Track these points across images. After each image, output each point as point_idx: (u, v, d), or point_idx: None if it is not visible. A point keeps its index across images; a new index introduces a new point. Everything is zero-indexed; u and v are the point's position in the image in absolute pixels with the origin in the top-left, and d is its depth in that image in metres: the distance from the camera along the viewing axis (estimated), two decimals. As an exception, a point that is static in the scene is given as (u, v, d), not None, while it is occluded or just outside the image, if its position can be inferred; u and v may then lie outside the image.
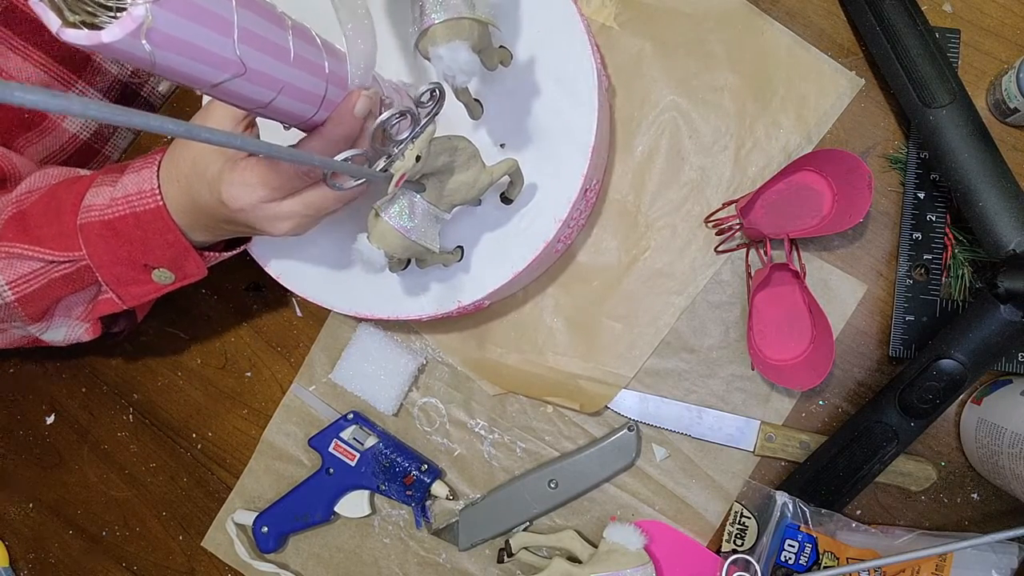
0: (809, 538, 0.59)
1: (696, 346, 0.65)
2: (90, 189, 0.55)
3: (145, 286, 0.56)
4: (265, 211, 0.48)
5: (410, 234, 0.49)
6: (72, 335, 0.61)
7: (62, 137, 0.72)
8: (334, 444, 0.66)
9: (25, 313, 0.57)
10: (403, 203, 0.49)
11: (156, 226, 0.52)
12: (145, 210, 0.52)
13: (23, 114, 0.68)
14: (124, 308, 0.57)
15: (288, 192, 0.47)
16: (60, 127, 0.71)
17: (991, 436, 0.57)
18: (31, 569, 0.74)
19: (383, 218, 0.49)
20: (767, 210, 0.62)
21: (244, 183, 0.47)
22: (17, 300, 0.56)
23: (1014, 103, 0.58)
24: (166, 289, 0.57)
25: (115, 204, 0.53)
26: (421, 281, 0.59)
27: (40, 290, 0.56)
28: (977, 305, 0.55)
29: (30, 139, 0.70)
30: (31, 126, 0.69)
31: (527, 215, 0.57)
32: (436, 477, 0.66)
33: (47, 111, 0.32)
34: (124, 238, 0.53)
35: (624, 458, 0.64)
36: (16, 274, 0.55)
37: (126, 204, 0.53)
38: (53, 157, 0.72)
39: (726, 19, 0.65)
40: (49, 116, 0.70)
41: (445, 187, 0.50)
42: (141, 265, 0.54)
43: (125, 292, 0.56)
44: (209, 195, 0.49)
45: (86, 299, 0.58)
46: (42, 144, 0.71)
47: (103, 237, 0.53)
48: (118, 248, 0.54)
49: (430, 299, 0.58)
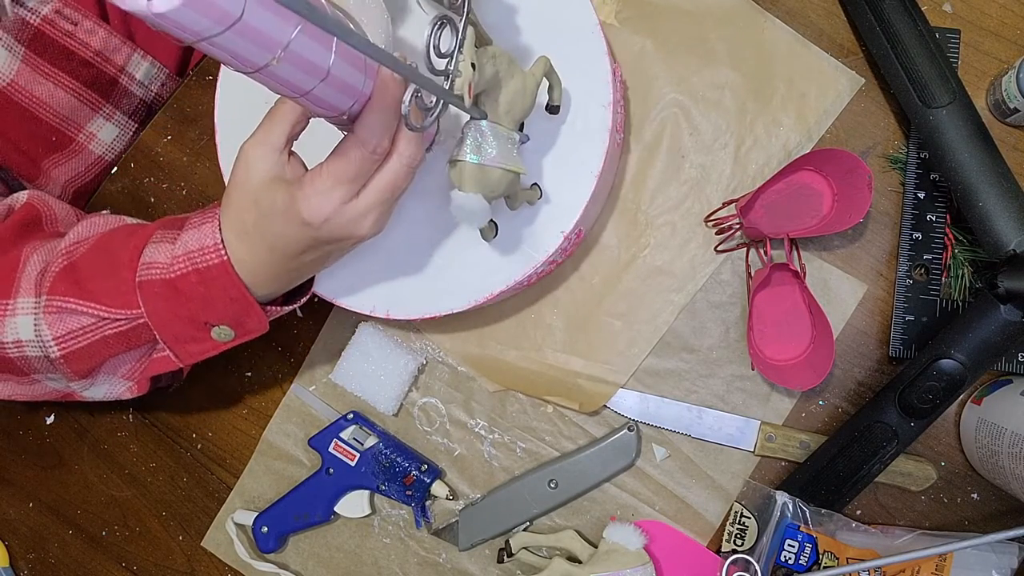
0: (809, 538, 0.59)
1: (696, 346, 0.65)
2: (149, 245, 0.53)
3: (203, 344, 0.54)
4: (348, 212, 0.47)
5: (495, 162, 0.48)
6: (113, 391, 0.59)
7: (88, 159, 0.72)
8: (334, 444, 0.66)
9: (71, 370, 0.55)
10: (474, 136, 0.48)
11: (220, 282, 0.51)
12: (208, 266, 0.51)
13: (51, 137, 0.69)
14: (180, 367, 0.56)
15: (361, 182, 0.47)
16: (87, 149, 0.72)
17: (991, 436, 0.57)
18: (31, 569, 0.74)
19: (465, 161, 0.48)
20: (767, 210, 0.62)
21: (319, 191, 0.46)
22: (63, 356, 0.54)
23: (1014, 103, 0.58)
24: (225, 347, 0.55)
25: (176, 262, 0.51)
26: (449, 275, 0.59)
27: (90, 346, 0.54)
28: (977, 305, 0.55)
29: (56, 160, 0.70)
30: (58, 148, 0.70)
31: (541, 215, 0.57)
32: (436, 477, 0.66)
33: None
34: (186, 296, 0.51)
35: (624, 458, 0.64)
36: (65, 329, 0.53)
37: (188, 261, 0.51)
38: (79, 178, 0.73)
39: (727, 17, 0.65)
40: (76, 139, 0.70)
41: (500, 103, 0.49)
42: (201, 323, 0.53)
43: (183, 350, 0.54)
44: (287, 226, 0.48)
45: (136, 357, 0.56)
46: (68, 166, 0.71)
47: (164, 296, 0.52)
48: (179, 307, 0.52)
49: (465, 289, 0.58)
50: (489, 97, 0.48)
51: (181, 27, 0.30)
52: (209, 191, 0.72)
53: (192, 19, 0.30)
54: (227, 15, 0.31)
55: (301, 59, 0.37)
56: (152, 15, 0.29)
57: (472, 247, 0.58)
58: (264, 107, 0.60)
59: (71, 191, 0.73)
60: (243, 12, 0.32)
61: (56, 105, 0.67)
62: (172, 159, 0.73)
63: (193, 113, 0.72)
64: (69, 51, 0.66)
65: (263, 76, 0.36)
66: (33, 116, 0.67)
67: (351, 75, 0.41)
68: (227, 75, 0.61)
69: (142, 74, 0.72)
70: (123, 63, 0.70)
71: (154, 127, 0.73)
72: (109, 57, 0.69)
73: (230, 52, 0.34)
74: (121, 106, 0.72)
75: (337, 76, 0.40)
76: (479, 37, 0.47)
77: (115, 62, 0.69)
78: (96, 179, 0.74)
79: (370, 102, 0.44)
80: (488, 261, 0.57)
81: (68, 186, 0.72)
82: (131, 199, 0.73)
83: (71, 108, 0.68)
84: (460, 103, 0.44)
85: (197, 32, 0.31)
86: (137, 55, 0.71)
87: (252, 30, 0.33)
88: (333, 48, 0.39)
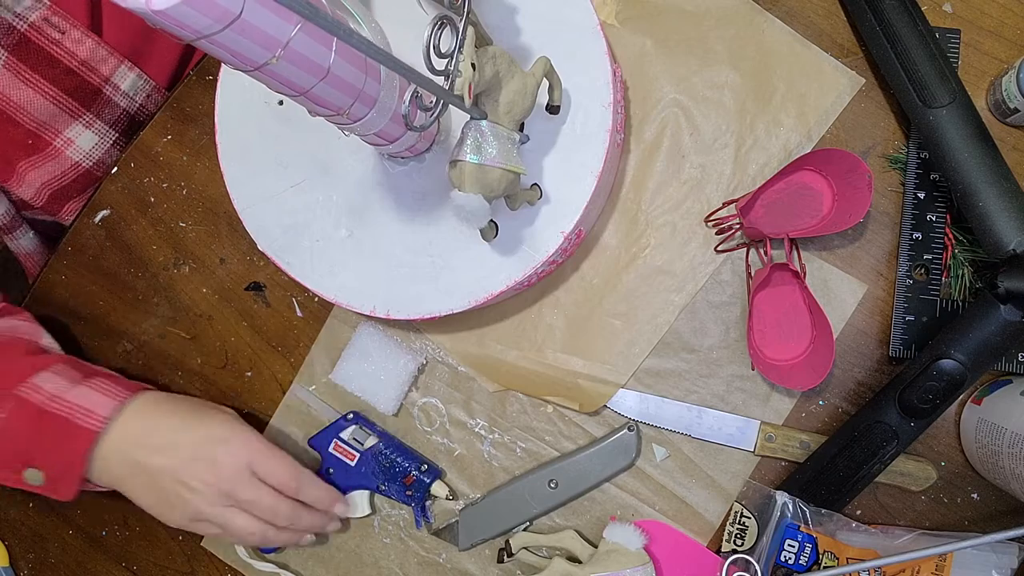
0: (809, 538, 0.59)
1: (696, 346, 0.65)
2: (48, 370, 0.60)
3: (11, 474, 0.59)
4: (234, 519, 0.60)
5: (495, 162, 0.48)
6: None
7: (64, 164, 0.72)
8: (334, 444, 0.66)
9: None
10: (473, 137, 0.48)
11: (74, 445, 0.57)
12: (78, 425, 0.57)
13: (27, 140, 0.69)
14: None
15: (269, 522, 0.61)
16: (63, 155, 0.72)
17: (991, 436, 0.57)
18: (31, 569, 0.74)
19: (465, 161, 0.48)
20: (767, 210, 0.62)
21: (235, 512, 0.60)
22: None
23: (1014, 103, 0.58)
24: (23, 486, 0.60)
25: (56, 402, 0.58)
26: (448, 276, 0.59)
27: None
28: (977, 305, 0.55)
29: (33, 163, 0.70)
30: (34, 151, 0.70)
31: (542, 213, 0.57)
32: (436, 477, 0.66)
33: None
34: (42, 433, 0.57)
35: (624, 458, 0.64)
36: None
37: (68, 409, 0.58)
38: (54, 182, 0.73)
39: (727, 17, 0.65)
40: (53, 143, 0.70)
41: (501, 104, 0.49)
42: (29, 459, 0.58)
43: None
44: (180, 487, 0.58)
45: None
46: (44, 169, 0.71)
47: (30, 418, 0.57)
48: (30, 436, 0.57)
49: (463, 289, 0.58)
50: (489, 97, 0.48)
51: (180, 25, 0.30)
52: (209, 191, 0.72)
53: (191, 17, 0.30)
54: (227, 13, 0.31)
55: (301, 58, 0.37)
56: (151, 12, 0.29)
57: (472, 247, 0.58)
58: (264, 107, 0.61)
59: (46, 194, 0.73)
60: (242, 10, 0.32)
61: (34, 110, 0.67)
62: (172, 159, 0.73)
63: (193, 113, 0.72)
64: (54, 59, 0.66)
65: (263, 74, 0.36)
66: (10, 119, 0.67)
67: (351, 74, 0.41)
68: (227, 75, 0.61)
69: (127, 85, 0.72)
70: (109, 74, 0.70)
71: (154, 127, 0.73)
72: (95, 67, 0.68)
73: (230, 50, 0.34)
74: (103, 115, 0.72)
75: (337, 75, 0.40)
76: (479, 37, 0.47)
77: (100, 72, 0.69)
78: (75, 183, 0.74)
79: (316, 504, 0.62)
80: (488, 261, 0.57)
81: (43, 188, 0.73)
82: (131, 199, 0.73)
83: (50, 114, 0.68)
84: (460, 103, 0.44)
85: (196, 30, 0.31)
86: (124, 67, 0.71)
87: (252, 28, 0.33)
88: (333, 47, 0.39)
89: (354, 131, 0.48)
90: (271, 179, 0.61)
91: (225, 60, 0.35)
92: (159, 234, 0.72)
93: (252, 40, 0.33)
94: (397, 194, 0.59)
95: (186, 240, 0.72)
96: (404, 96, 0.43)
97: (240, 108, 0.61)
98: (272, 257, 0.61)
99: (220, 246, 0.71)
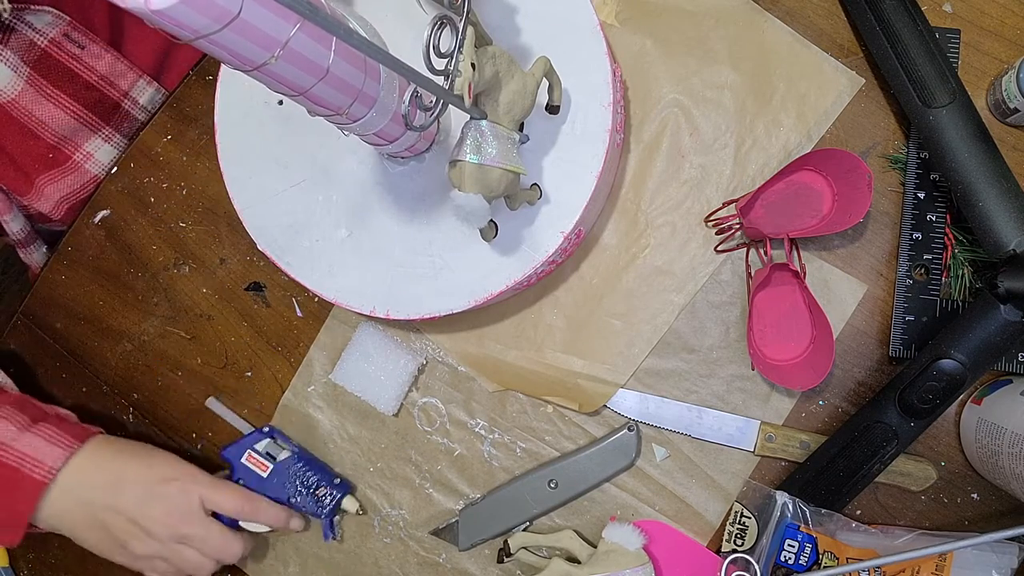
0: (809, 538, 0.59)
1: (696, 346, 0.65)
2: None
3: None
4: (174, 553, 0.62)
5: (495, 162, 0.48)
6: None
7: (83, 177, 0.73)
8: (247, 455, 0.66)
9: None
10: (473, 137, 0.48)
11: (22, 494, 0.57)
12: (25, 474, 0.57)
13: (48, 154, 0.69)
14: None
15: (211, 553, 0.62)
16: (82, 168, 0.72)
17: (991, 436, 0.57)
18: (31, 569, 0.74)
19: (465, 161, 0.48)
20: (767, 210, 0.62)
21: None
22: None
23: (1014, 103, 0.58)
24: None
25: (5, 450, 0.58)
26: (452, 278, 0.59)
27: None
28: (977, 305, 0.54)
29: (52, 177, 0.71)
30: (54, 165, 0.71)
31: (542, 213, 0.57)
32: (346, 492, 0.67)
33: None
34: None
35: (624, 458, 0.64)
36: None
37: (16, 458, 0.57)
38: (72, 195, 0.74)
39: (727, 17, 0.65)
40: (72, 157, 0.71)
41: (501, 104, 0.49)
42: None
43: None
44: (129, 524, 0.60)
45: None
46: (63, 183, 0.72)
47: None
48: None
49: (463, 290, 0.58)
50: (489, 97, 0.48)
51: (179, 24, 0.30)
52: (209, 190, 0.72)
53: (190, 16, 0.30)
54: (225, 13, 0.31)
55: (300, 57, 0.37)
56: (150, 12, 0.29)
57: (472, 247, 0.58)
58: (264, 107, 0.61)
59: (64, 208, 0.74)
60: (241, 10, 0.32)
61: (55, 125, 0.68)
62: (172, 159, 0.73)
63: (193, 113, 0.72)
64: (73, 73, 0.67)
65: (262, 74, 0.36)
66: (32, 133, 0.67)
67: (351, 74, 0.41)
68: (227, 75, 0.61)
69: (146, 99, 0.73)
70: (128, 88, 0.71)
71: (154, 127, 0.73)
72: (114, 81, 0.69)
73: (228, 50, 0.34)
74: (121, 129, 0.73)
75: (336, 75, 0.40)
76: (479, 37, 0.47)
77: (119, 87, 0.70)
78: (90, 196, 0.74)
79: None
80: (488, 261, 0.57)
81: (62, 202, 0.73)
82: (131, 199, 0.73)
83: (71, 128, 0.69)
84: (460, 103, 0.44)
85: (195, 30, 0.31)
86: (143, 81, 0.72)
87: (250, 28, 0.33)
88: (332, 47, 0.39)
89: (354, 131, 0.48)
90: (271, 179, 0.61)
91: (224, 60, 0.35)
92: (159, 234, 0.72)
93: (251, 40, 0.33)
94: (397, 194, 0.59)
95: (186, 240, 0.72)
96: (404, 96, 0.43)
97: (240, 108, 0.61)
98: (272, 257, 0.61)
99: (220, 246, 0.71)
